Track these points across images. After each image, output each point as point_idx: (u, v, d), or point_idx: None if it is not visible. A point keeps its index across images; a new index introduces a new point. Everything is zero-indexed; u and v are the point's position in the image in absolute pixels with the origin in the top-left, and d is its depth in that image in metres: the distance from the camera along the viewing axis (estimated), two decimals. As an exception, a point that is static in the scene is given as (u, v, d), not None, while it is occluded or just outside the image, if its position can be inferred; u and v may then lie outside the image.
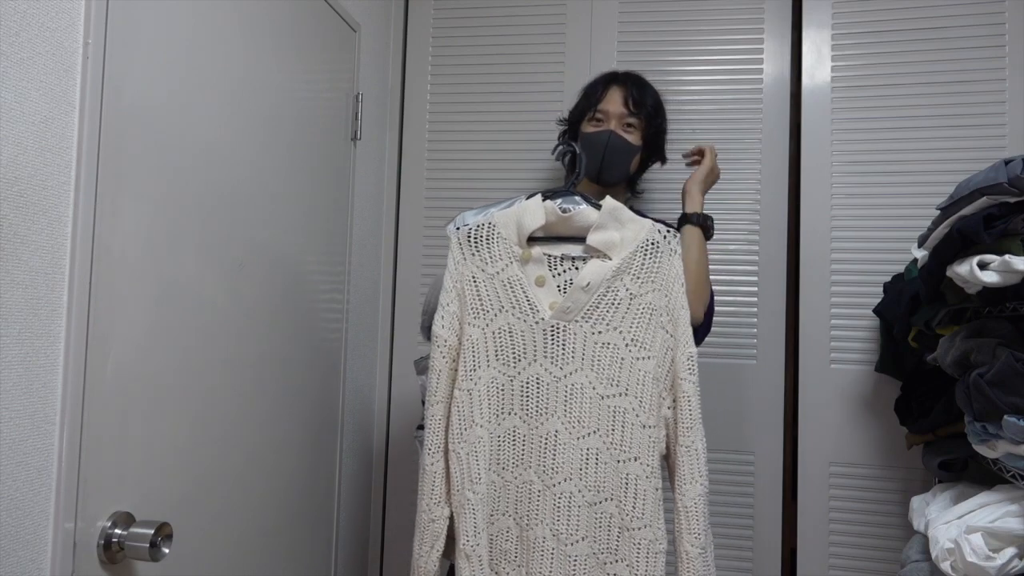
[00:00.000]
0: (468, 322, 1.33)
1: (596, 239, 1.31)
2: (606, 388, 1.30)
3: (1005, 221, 1.17)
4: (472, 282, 1.34)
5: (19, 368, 0.88)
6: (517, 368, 1.33)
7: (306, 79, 1.57)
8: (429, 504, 1.32)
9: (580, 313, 1.31)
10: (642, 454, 1.29)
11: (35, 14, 0.89)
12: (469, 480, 1.30)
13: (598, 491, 1.30)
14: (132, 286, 1.05)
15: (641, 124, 1.62)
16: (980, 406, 1.19)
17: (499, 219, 1.35)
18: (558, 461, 1.30)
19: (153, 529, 1.00)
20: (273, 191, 1.43)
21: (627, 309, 1.31)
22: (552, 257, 1.34)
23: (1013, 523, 1.15)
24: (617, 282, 1.31)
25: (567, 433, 1.30)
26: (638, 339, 1.30)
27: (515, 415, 1.33)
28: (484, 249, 1.34)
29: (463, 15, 2.05)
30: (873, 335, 1.79)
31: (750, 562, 1.83)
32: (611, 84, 1.63)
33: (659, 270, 1.32)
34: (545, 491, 1.31)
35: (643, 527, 1.28)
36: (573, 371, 1.31)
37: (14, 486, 0.88)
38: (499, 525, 1.33)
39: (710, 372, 1.88)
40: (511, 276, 1.33)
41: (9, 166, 0.86)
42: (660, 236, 1.33)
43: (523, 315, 1.32)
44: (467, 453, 1.31)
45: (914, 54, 1.82)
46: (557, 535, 1.30)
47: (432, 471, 1.32)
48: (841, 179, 1.84)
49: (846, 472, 1.80)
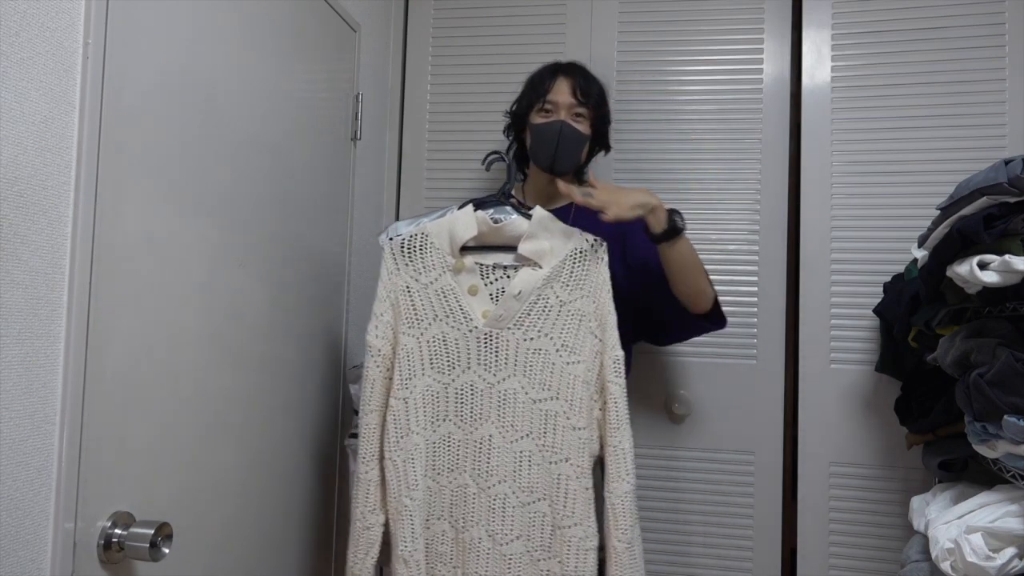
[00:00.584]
0: (402, 331, 1.37)
1: (527, 248, 1.35)
2: (538, 392, 1.35)
3: (1005, 221, 1.17)
4: (406, 292, 1.37)
5: (19, 368, 0.88)
6: (451, 375, 1.36)
7: (306, 79, 1.57)
8: (364, 512, 1.35)
9: (512, 320, 1.35)
10: (573, 455, 1.34)
11: (35, 14, 0.89)
12: (406, 487, 1.33)
13: (531, 491, 1.34)
14: (132, 286, 1.05)
15: (589, 113, 1.63)
16: (980, 406, 1.19)
17: (431, 229, 1.39)
18: (492, 464, 1.35)
19: (153, 529, 1.00)
20: (273, 191, 1.43)
21: (557, 316, 1.35)
22: (484, 266, 1.38)
23: (1013, 523, 1.15)
24: (547, 290, 1.35)
25: (501, 437, 1.35)
26: (568, 344, 1.35)
27: (450, 421, 1.36)
28: (417, 259, 1.38)
29: (463, 15, 2.05)
30: (873, 335, 1.79)
31: (750, 562, 1.83)
32: (557, 74, 1.64)
33: (587, 277, 1.36)
34: (480, 493, 1.35)
35: (574, 525, 1.32)
36: (506, 377, 1.35)
37: (14, 486, 0.88)
38: (434, 529, 1.36)
39: (710, 372, 1.88)
40: (444, 285, 1.36)
41: (9, 166, 0.86)
42: (588, 245, 1.38)
43: (457, 324, 1.36)
44: (403, 460, 1.34)
45: (914, 54, 1.82)
46: (492, 535, 1.34)
47: (367, 479, 1.36)
48: (841, 179, 1.84)
49: (846, 472, 1.80)
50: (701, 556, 1.86)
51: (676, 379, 1.89)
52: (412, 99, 2.07)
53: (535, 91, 1.64)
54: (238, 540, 1.34)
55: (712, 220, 1.90)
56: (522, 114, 1.68)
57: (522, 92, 1.69)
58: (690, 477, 1.87)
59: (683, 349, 1.88)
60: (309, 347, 1.59)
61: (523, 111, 1.67)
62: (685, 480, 1.87)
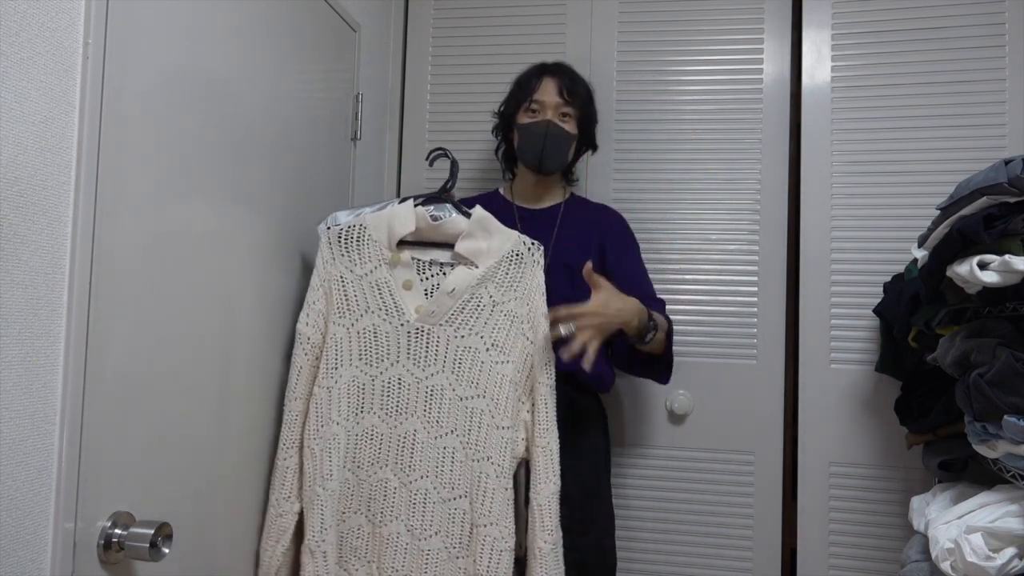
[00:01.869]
0: (333, 321, 1.37)
1: (464, 247, 1.36)
2: (465, 390, 1.35)
3: (1005, 221, 1.17)
4: (340, 282, 1.37)
5: (19, 368, 0.88)
6: (379, 368, 1.37)
7: (306, 79, 1.57)
8: (278, 499, 1.35)
9: (444, 317, 1.35)
10: (494, 454, 1.34)
11: (35, 14, 0.89)
12: (320, 476, 1.33)
13: (452, 488, 1.34)
14: (132, 286, 1.05)
15: (576, 113, 1.64)
16: (980, 406, 1.19)
17: (370, 221, 1.39)
18: (415, 459, 1.35)
19: (153, 529, 1.00)
20: (273, 190, 1.43)
21: (489, 315, 1.36)
22: (421, 262, 1.38)
23: (1013, 523, 1.15)
24: (481, 289, 1.36)
25: (425, 432, 1.35)
26: (498, 344, 1.36)
27: (374, 414, 1.37)
28: (354, 250, 1.38)
29: (463, 15, 2.05)
30: (873, 335, 1.79)
31: (750, 562, 1.83)
32: (544, 75, 1.65)
33: (522, 280, 1.38)
34: (401, 488, 1.35)
35: (490, 524, 1.33)
36: (434, 373, 1.36)
37: (14, 486, 0.88)
38: (350, 523, 1.36)
39: (710, 372, 1.88)
40: (379, 278, 1.37)
41: (9, 166, 0.86)
42: (525, 248, 1.39)
43: (389, 317, 1.36)
44: (321, 450, 1.34)
45: (914, 54, 1.82)
46: (411, 530, 1.34)
47: (284, 466, 1.35)
48: (841, 179, 1.84)
49: (846, 472, 1.80)
50: (701, 556, 1.86)
51: (676, 379, 1.89)
52: (412, 99, 2.07)
53: (522, 91, 1.66)
54: (238, 540, 1.34)
55: (712, 220, 1.90)
56: (509, 114, 1.69)
57: (509, 93, 1.71)
58: (690, 477, 1.87)
59: (683, 349, 1.88)
60: (309, 347, 1.59)
61: (510, 111, 1.69)
62: (685, 480, 1.87)
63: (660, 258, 1.90)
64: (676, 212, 1.92)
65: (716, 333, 1.88)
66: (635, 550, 1.87)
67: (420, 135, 2.06)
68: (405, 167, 2.07)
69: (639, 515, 1.88)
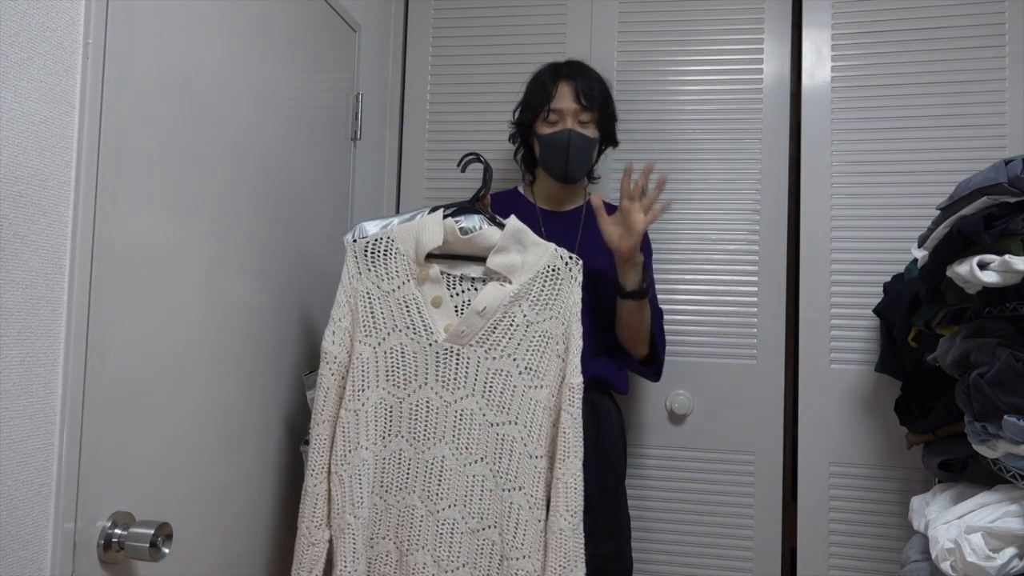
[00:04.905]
0: (359, 339, 1.29)
1: (496, 262, 1.28)
2: (496, 415, 1.28)
3: (1005, 221, 1.17)
4: (366, 298, 1.30)
5: (19, 368, 0.88)
6: (407, 390, 1.30)
7: (306, 79, 1.57)
8: (310, 527, 1.29)
9: (475, 337, 1.28)
10: (527, 484, 1.27)
11: (35, 14, 0.89)
12: (351, 504, 1.28)
13: (482, 518, 1.28)
14: (132, 286, 1.05)
15: (595, 116, 1.61)
16: (980, 406, 1.19)
17: (398, 234, 1.31)
18: (444, 487, 1.28)
19: (153, 529, 1.00)
20: (273, 191, 1.43)
21: (523, 336, 1.28)
22: (451, 276, 1.31)
23: (1013, 523, 1.15)
24: (514, 308, 1.28)
25: (454, 459, 1.28)
26: (532, 367, 1.28)
27: (402, 438, 1.30)
28: (380, 264, 1.30)
29: (463, 15, 2.05)
30: (873, 335, 1.79)
31: (750, 562, 1.83)
32: (558, 80, 1.60)
33: (558, 297, 1.29)
34: (428, 517, 1.29)
35: (522, 557, 1.26)
36: (464, 396, 1.28)
37: (14, 486, 0.88)
38: (379, 549, 1.31)
39: (710, 372, 1.88)
40: (407, 295, 1.29)
41: (9, 166, 0.86)
42: (562, 263, 1.30)
43: (416, 336, 1.29)
44: (350, 476, 1.28)
45: (914, 54, 1.82)
46: (438, 561, 1.28)
47: (314, 492, 1.29)
48: (841, 179, 1.84)
49: (846, 472, 1.80)
50: (701, 556, 1.86)
51: (676, 379, 1.89)
52: (412, 99, 2.07)
53: (538, 99, 1.61)
54: (238, 540, 1.34)
55: (712, 220, 1.90)
56: (527, 124, 1.65)
57: (524, 100, 1.67)
58: (690, 477, 1.87)
59: (683, 349, 1.88)
60: (309, 346, 1.59)
61: (528, 121, 1.65)
62: (685, 480, 1.87)
63: (660, 258, 1.90)
64: (676, 212, 1.92)
65: (716, 333, 1.88)
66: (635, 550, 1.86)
67: (420, 135, 2.06)
68: (405, 167, 2.07)
69: (639, 515, 1.88)
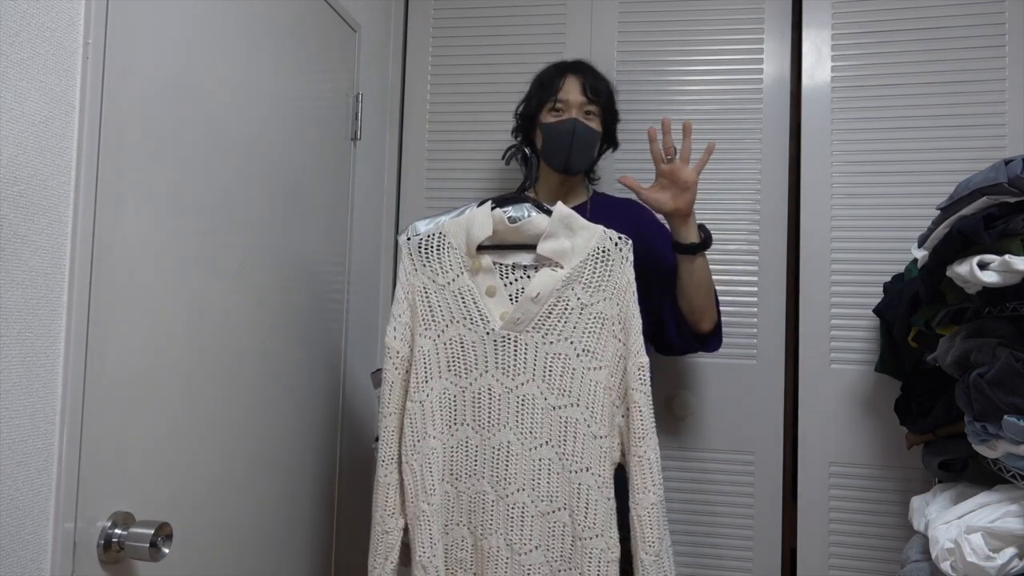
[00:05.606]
0: (419, 333, 1.33)
1: (546, 248, 1.30)
2: (557, 399, 1.30)
3: (1005, 221, 1.17)
4: (423, 293, 1.33)
5: (19, 368, 0.88)
6: (469, 379, 1.33)
7: (306, 79, 1.57)
8: (383, 516, 1.32)
9: (531, 324, 1.30)
10: (593, 464, 1.29)
11: (35, 14, 0.89)
12: (423, 492, 1.31)
13: (551, 501, 1.30)
14: (132, 286, 1.05)
15: (599, 111, 1.63)
16: (980, 406, 1.19)
17: (449, 228, 1.35)
18: (511, 471, 1.31)
19: (153, 529, 1.00)
20: (273, 191, 1.43)
21: (578, 319, 1.30)
22: (503, 266, 1.34)
23: (1013, 523, 1.15)
24: (568, 291, 1.30)
25: (519, 444, 1.31)
26: (589, 349, 1.30)
27: (467, 426, 1.33)
28: (435, 259, 1.34)
29: (463, 15, 2.05)
30: (873, 335, 1.79)
31: (750, 562, 1.83)
32: (566, 73, 1.63)
33: (610, 278, 1.31)
34: (499, 501, 1.31)
35: (595, 536, 1.29)
36: (524, 382, 1.31)
37: (14, 486, 0.88)
38: (453, 535, 1.34)
39: (710, 372, 1.88)
40: (462, 286, 1.32)
41: (9, 166, 0.86)
42: (611, 244, 1.32)
43: (474, 326, 1.32)
44: (420, 465, 1.31)
45: (914, 54, 1.82)
46: (511, 544, 1.30)
47: (386, 483, 1.33)
48: (841, 179, 1.84)
49: (846, 472, 1.80)
50: (701, 556, 1.86)
51: (676, 379, 1.89)
52: (412, 99, 2.07)
53: (544, 90, 1.63)
54: (238, 540, 1.34)
55: (712, 220, 1.89)
56: (531, 115, 1.66)
57: (530, 92, 1.68)
58: (690, 477, 1.87)
59: (683, 349, 1.88)
60: (309, 345, 1.59)
61: (532, 112, 1.66)
62: (685, 480, 1.87)
63: (660, 258, 1.91)
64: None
65: (716, 333, 1.88)
66: (635, 550, 1.87)
67: (420, 135, 2.06)
68: (405, 167, 2.07)
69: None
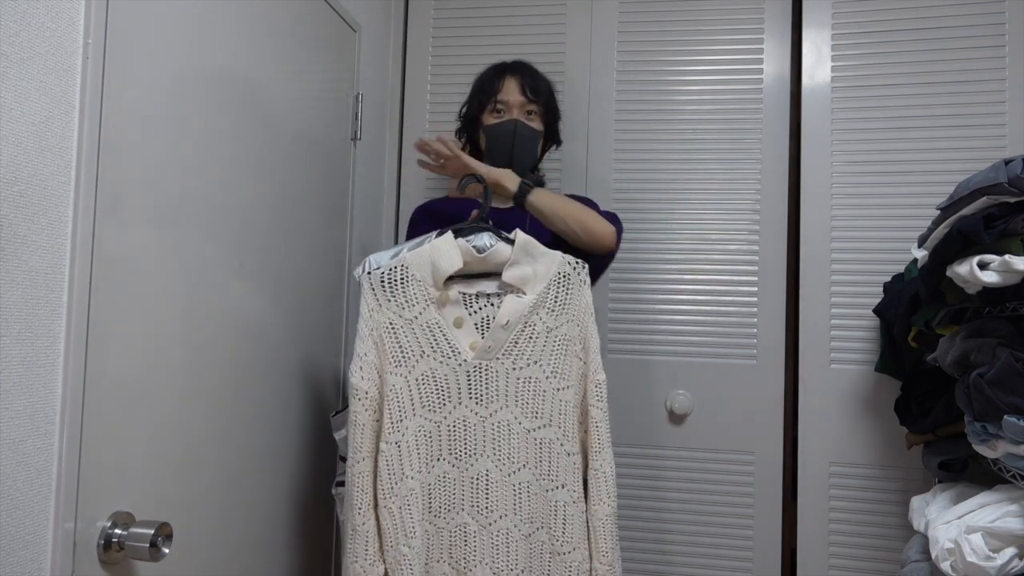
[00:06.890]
0: (389, 371, 1.31)
1: (511, 275, 1.32)
2: (531, 421, 1.32)
3: (1005, 221, 1.17)
4: (390, 329, 1.32)
5: (19, 368, 0.88)
6: (443, 412, 1.32)
7: (306, 79, 1.57)
8: (364, 565, 1.28)
9: (500, 351, 1.32)
10: (568, 480, 1.32)
11: (35, 14, 0.89)
12: (403, 535, 1.29)
13: (531, 522, 1.32)
14: (132, 286, 1.05)
15: (540, 110, 1.65)
16: (980, 406, 1.19)
17: (411, 260, 1.33)
18: (491, 499, 1.32)
19: (153, 529, 1.00)
20: (273, 190, 1.43)
21: (544, 342, 1.33)
22: (468, 295, 1.34)
23: (1013, 523, 1.15)
24: (534, 316, 1.33)
25: (498, 471, 1.32)
26: (557, 371, 1.33)
27: (444, 460, 1.33)
28: (400, 293, 1.32)
29: (463, 15, 2.05)
30: (873, 335, 1.79)
31: (750, 562, 1.83)
32: (505, 74, 1.65)
33: (571, 301, 1.34)
34: (481, 531, 1.31)
35: (572, 550, 1.31)
36: (498, 408, 1.32)
37: (14, 486, 0.88)
38: (434, 572, 1.33)
39: (710, 372, 1.88)
40: (429, 320, 1.32)
41: (9, 166, 0.86)
42: (571, 268, 1.36)
43: (445, 359, 1.32)
44: (399, 507, 1.29)
45: (914, 54, 1.82)
46: (497, 573, 1.31)
47: (364, 530, 1.28)
48: (841, 179, 1.84)
49: (846, 472, 1.80)
50: (701, 556, 1.86)
51: (676, 379, 1.89)
52: (412, 99, 2.07)
53: (484, 92, 1.65)
54: (238, 540, 1.34)
55: (712, 220, 1.90)
56: (473, 116, 1.69)
57: (471, 94, 1.70)
58: (690, 477, 1.87)
59: (683, 349, 1.88)
60: (309, 346, 1.59)
61: (474, 113, 1.68)
62: (685, 480, 1.88)
63: (660, 258, 1.91)
64: (676, 212, 1.92)
65: (716, 333, 1.88)
66: (635, 550, 1.87)
67: (420, 135, 2.06)
68: (405, 167, 2.07)
69: (639, 515, 1.88)
